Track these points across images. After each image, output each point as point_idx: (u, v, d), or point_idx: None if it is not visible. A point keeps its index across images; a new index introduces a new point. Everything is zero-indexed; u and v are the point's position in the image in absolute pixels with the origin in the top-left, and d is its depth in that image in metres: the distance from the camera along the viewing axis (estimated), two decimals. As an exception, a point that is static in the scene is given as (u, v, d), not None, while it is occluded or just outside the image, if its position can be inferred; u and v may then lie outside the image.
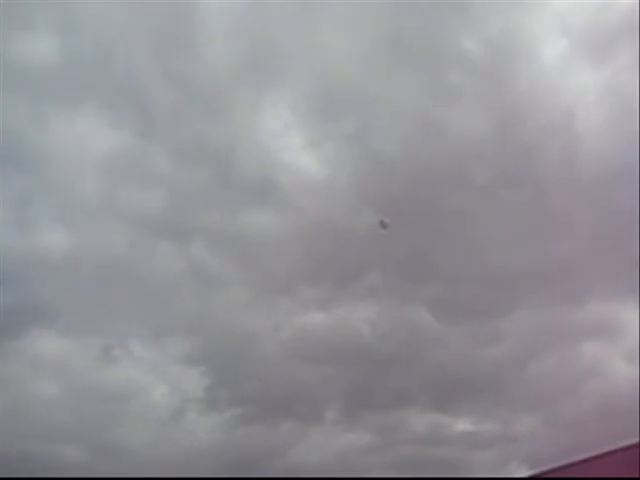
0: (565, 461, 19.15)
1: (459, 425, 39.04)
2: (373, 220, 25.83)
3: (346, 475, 34.99)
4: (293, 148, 40.50)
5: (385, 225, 24.34)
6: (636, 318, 34.89)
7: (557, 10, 38.54)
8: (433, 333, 39.34)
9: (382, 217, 24.45)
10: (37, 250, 39.45)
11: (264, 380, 39.35)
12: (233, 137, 40.23)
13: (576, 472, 18.22)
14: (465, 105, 38.13)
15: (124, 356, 39.87)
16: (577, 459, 18.63)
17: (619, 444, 17.71)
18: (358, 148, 39.83)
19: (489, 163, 38.04)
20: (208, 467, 34.49)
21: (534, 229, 37.72)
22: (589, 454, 18.48)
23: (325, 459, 36.97)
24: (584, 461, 18.28)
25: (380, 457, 37.50)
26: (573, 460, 18.76)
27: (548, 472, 19.80)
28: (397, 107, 38.36)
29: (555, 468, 19.42)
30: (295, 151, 40.49)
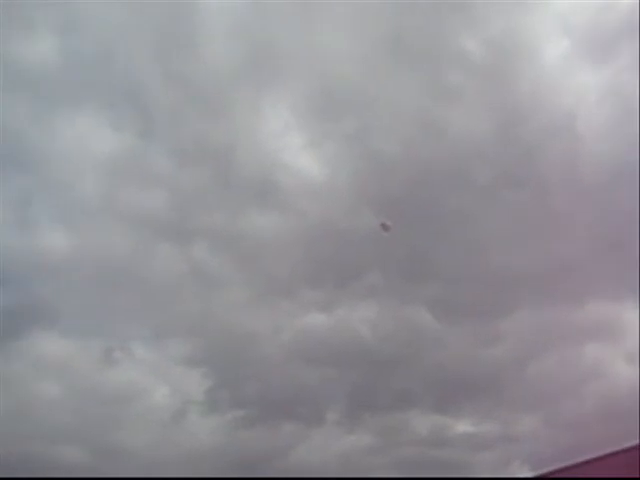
0: (567, 462, 19.12)
1: (460, 426, 39.06)
2: (373, 221, 25.81)
3: (347, 477, 35.01)
4: (293, 148, 40.64)
5: (387, 227, 24.32)
6: (636, 319, 34.94)
7: (558, 10, 38.69)
8: (434, 333, 39.36)
9: (383, 219, 24.45)
10: (38, 251, 39.56)
11: (265, 382, 39.43)
12: (233, 137, 40.34)
13: (578, 473, 18.18)
14: (466, 105, 38.18)
15: (125, 358, 39.98)
16: (579, 460, 18.60)
17: (620, 445, 17.71)
18: (358, 148, 39.92)
19: (490, 163, 38.07)
20: (209, 469, 34.47)
21: (535, 229, 37.72)
22: (590, 455, 18.46)
23: (326, 461, 36.98)
24: (586, 462, 18.26)
25: (382, 458, 37.50)
26: (575, 461, 18.74)
27: (550, 473, 19.76)
28: (397, 107, 38.43)
29: (557, 469, 19.38)
30: (295, 151, 40.62)
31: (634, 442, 17.19)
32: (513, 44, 37.55)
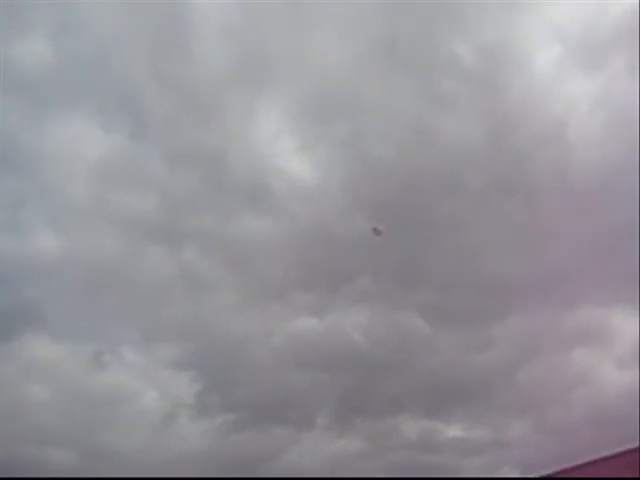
0: (561, 466, 19.20)
1: (451, 431, 39.09)
2: (365, 225, 25.89)
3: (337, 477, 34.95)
4: (286, 152, 40.66)
5: (378, 232, 24.41)
6: (626, 324, 35.19)
7: (550, 18, 38.97)
8: (425, 339, 39.41)
9: (376, 224, 24.52)
10: (29, 253, 39.38)
11: (256, 386, 39.29)
12: (225, 141, 40.35)
13: (576, 475, 18.25)
14: (458, 111, 38.32)
15: (115, 361, 39.86)
16: (572, 464, 18.67)
17: (611, 450, 17.78)
18: (351, 153, 39.99)
19: (482, 170, 38.18)
20: (199, 472, 34.32)
21: (526, 236, 37.87)
22: (580, 460, 18.54)
23: (316, 465, 36.85)
24: (583, 465, 18.33)
25: (371, 463, 37.40)
26: (572, 464, 18.81)
27: (548, 476, 19.77)
28: (390, 112, 38.47)
29: (555, 472, 19.38)
30: (288, 155, 40.66)
31: (634, 444, 17.25)
32: (505, 51, 37.85)
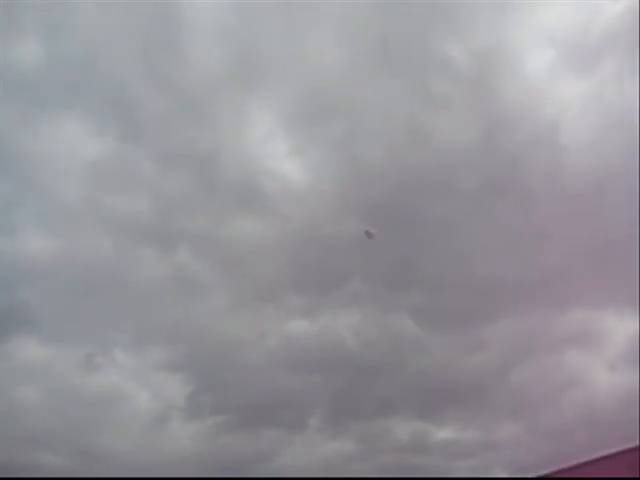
0: (550, 469, 19.23)
1: (442, 433, 39.18)
2: (357, 227, 25.92)
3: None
4: (278, 154, 40.65)
5: (371, 235, 24.51)
6: (617, 327, 35.34)
7: (543, 21, 39.10)
8: (417, 341, 39.48)
9: (368, 227, 24.61)
10: (21, 255, 39.29)
11: (247, 387, 39.27)
12: (218, 142, 40.29)
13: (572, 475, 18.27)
14: (451, 113, 38.37)
15: (107, 363, 39.85)
16: (563, 466, 18.69)
17: (603, 452, 17.82)
18: (343, 154, 40.03)
19: (474, 172, 38.25)
20: (191, 474, 34.25)
21: (518, 238, 37.91)
22: (571, 462, 18.56)
23: (309, 467, 36.82)
24: (569, 468, 18.35)
25: (363, 465, 37.41)
26: (558, 468, 18.85)
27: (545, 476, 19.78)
28: (383, 114, 38.54)
29: (553, 472, 19.39)
30: (280, 157, 40.65)
31: (626, 446, 17.29)
32: (498, 54, 37.93)
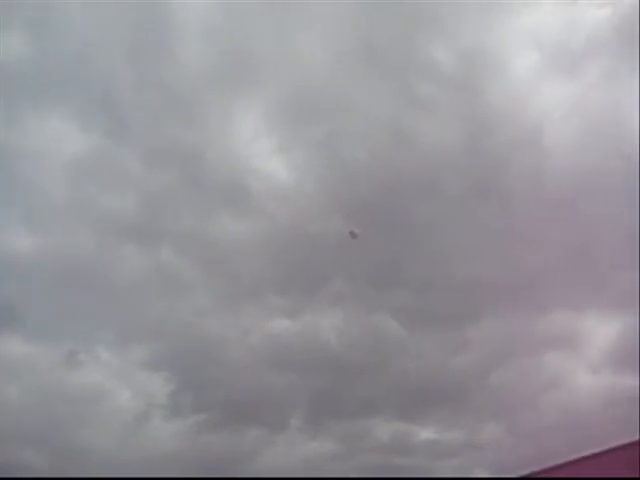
0: (531, 469, 19.34)
1: (424, 433, 39.19)
2: (342, 227, 25.98)
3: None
4: (263, 153, 40.73)
5: (355, 235, 24.59)
6: (598, 329, 35.66)
7: (528, 25, 39.53)
8: (399, 341, 39.50)
9: (352, 227, 24.69)
10: (4, 252, 38.86)
11: (229, 386, 39.12)
12: (204, 141, 40.33)
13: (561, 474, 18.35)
14: (436, 115, 38.62)
15: (89, 361, 39.60)
16: (544, 466, 18.79)
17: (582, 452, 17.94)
18: (328, 155, 40.11)
19: (458, 174, 38.42)
20: (171, 473, 34.09)
21: (501, 240, 38.09)
22: (553, 462, 18.67)
23: (290, 466, 36.76)
24: (550, 469, 18.46)
25: (344, 465, 37.41)
26: (539, 468, 18.96)
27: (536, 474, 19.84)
28: (368, 115, 38.66)
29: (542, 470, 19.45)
30: (265, 156, 40.72)
31: (605, 447, 17.39)
32: (483, 56, 38.26)
